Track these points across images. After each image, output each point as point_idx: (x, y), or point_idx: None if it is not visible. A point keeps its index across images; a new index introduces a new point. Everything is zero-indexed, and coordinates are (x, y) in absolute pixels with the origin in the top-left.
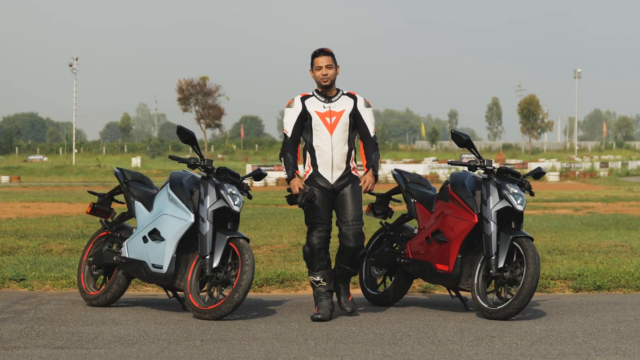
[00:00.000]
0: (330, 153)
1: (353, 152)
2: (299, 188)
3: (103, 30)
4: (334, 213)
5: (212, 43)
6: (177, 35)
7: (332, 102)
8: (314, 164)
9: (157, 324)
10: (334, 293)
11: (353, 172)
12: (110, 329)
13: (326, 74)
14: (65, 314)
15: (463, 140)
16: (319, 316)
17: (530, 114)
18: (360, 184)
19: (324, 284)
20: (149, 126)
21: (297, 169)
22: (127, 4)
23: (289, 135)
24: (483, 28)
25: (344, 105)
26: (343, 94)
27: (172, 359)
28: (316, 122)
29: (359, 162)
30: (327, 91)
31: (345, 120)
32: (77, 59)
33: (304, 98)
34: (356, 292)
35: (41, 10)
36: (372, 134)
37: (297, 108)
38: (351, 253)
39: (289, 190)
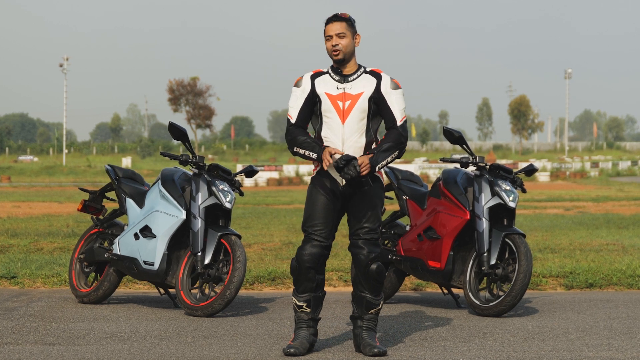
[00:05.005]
0: (341, 147)
1: (374, 146)
2: (331, 155)
3: (93, 30)
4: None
5: (203, 44)
6: (168, 36)
7: (348, 81)
8: None
9: (149, 320)
10: (353, 335)
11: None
12: (101, 325)
13: (337, 45)
14: (56, 311)
15: (455, 137)
16: (292, 350)
17: (521, 115)
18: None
19: (307, 310)
20: (139, 127)
21: (321, 142)
22: (118, 5)
23: (292, 121)
24: (474, 29)
25: (362, 86)
26: (365, 71)
27: (163, 356)
28: (326, 106)
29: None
30: (342, 67)
31: (362, 105)
32: (67, 59)
33: (314, 76)
34: (348, 290)
35: (31, 11)
36: (399, 122)
37: (304, 88)
38: (363, 266)
39: (342, 171)
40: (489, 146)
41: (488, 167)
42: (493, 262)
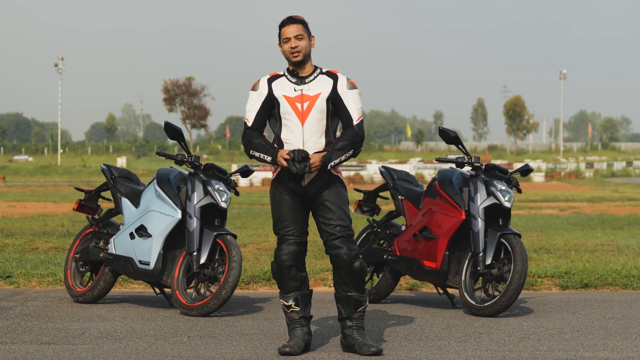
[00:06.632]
0: (302, 148)
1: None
2: (285, 158)
3: (89, 30)
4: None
5: (198, 44)
6: (163, 36)
7: (305, 83)
8: None
9: (144, 320)
10: (342, 336)
11: (332, 171)
12: (97, 325)
13: (296, 47)
14: (51, 311)
15: (450, 137)
16: (287, 349)
17: (516, 115)
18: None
19: (297, 309)
20: (134, 127)
21: (275, 145)
22: (114, 5)
23: (249, 124)
24: (469, 30)
25: (320, 87)
26: (321, 72)
27: (159, 355)
28: (285, 109)
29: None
30: (299, 69)
31: (320, 106)
32: (62, 59)
33: (271, 79)
34: None
35: (26, 10)
36: (355, 121)
37: (261, 92)
38: (346, 265)
39: (287, 171)
40: (483, 147)
41: (483, 167)
42: (488, 262)
